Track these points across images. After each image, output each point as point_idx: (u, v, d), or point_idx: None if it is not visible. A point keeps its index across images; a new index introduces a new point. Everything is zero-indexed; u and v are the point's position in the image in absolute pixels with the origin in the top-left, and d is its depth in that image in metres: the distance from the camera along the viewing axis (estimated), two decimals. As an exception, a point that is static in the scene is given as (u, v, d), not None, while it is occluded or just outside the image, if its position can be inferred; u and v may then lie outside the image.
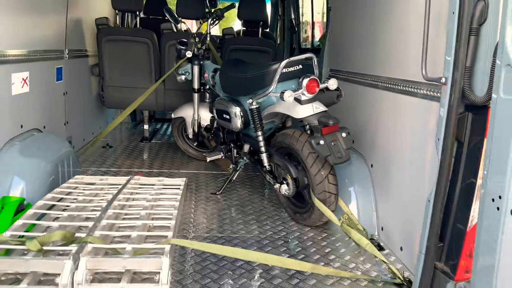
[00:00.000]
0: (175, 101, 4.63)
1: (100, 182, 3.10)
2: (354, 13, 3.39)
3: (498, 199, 1.54)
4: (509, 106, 1.50)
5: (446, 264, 1.94)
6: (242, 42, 4.73)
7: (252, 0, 4.89)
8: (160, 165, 4.08)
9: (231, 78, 3.19)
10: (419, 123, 2.32)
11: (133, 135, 5.39)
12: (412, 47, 2.35)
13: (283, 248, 2.58)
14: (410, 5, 2.41)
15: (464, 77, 1.76)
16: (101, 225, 2.30)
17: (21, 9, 2.99)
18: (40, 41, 3.33)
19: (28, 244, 1.98)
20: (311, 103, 2.59)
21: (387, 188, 2.73)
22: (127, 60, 4.53)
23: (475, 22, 1.72)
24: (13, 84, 2.89)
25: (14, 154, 2.77)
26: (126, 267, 1.99)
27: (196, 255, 2.40)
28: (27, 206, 2.50)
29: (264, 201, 3.32)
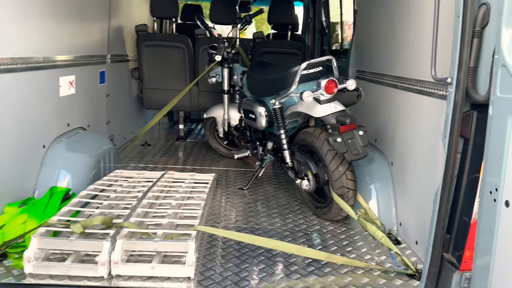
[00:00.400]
0: (208, 102, 4.89)
1: (137, 176, 3.39)
2: (378, 16, 3.50)
3: (495, 191, 1.64)
4: (505, 104, 1.60)
5: (452, 254, 2.04)
6: (271, 45, 4.91)
7: (281, 5, 5.07)
8: (193, 162, 4.34)
9: (256, 79, 3.39)
10: (434, 122, 2.41)
11: (169, 134, 5.70)
12: (428, 49, 2.45)
13: (303, 240, 2.74)
14: (425, 8, 2.51)
15: (467, 77, 1.86)
16: (136, 213, 2.56)
17: (68, 17, 3.31)
18: (85, 47, 3.66)
19: (72, 227, 2.26)
20: (330, 102, 2.74)
21: (405, 185, 2.82)
22: (164, 64, 4.83)
23: (478, 25, 1.82)
24: (61, 87, 3.22)
25: (61, 150, 3.08)
26: (157, 249, 2.23)
27: (222, 243, 2.61)
28: (72, 195, 2.80)
29: (288, 197, 3.49)
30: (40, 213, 2.45)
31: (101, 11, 4.03)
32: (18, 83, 2.63)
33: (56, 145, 3.08)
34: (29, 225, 2.37)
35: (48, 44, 3.02)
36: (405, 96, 2.84)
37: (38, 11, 2.85)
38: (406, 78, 2.80)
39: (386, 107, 3.20)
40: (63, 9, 3.20)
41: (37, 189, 2.84)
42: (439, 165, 2.31)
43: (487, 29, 1.81)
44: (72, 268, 2.13)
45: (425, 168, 2.53)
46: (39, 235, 2.20)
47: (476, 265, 1.78)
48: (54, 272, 2.12)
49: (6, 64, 2.48)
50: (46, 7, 2.95)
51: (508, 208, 1.57)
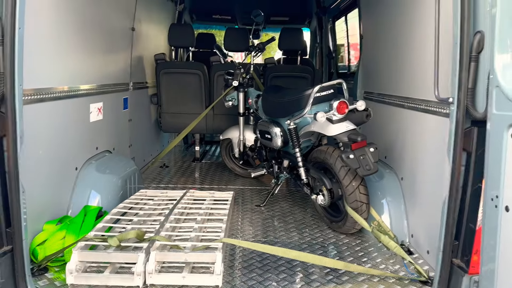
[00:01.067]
0: (223, 125, 5.14)
1: (161, 195, 3.60)
2: (382, 40, 3.75)
3: (496, 198, 1.83)
4: (500, 120, 1.80)
5: (461, 260, 2.21)
6: (282, 70, 5.18)
7: (290, 32, 5.36)
8: (210, 182, 4.55)
9: (272, 102, 3.63)
10: (440, 138, 2.60)
11: (185, 156, 5.94)
12: (430, 71, 2.67)
13: (320, 252, 2.91)
14: (426, 33, 2.74)
15: (467, 96, 2.07)
16: (165, 228, 2.76)
17: (98, 50, 3.61)
18: (111, 76, 3.95)
19: (109, 240, 2.46)
20: (341, 122, 2.95)
21: (415, 198, 3.00)
22: (181, 90, 5.11)
23: (474, 50, 2.04)
24: (91, 113, 3.48)
25: (92, 172, 3.31)
26: (187, 259, 2.43)
27: (244, 255, 2.79)
28: (104, 213, 3.02)
29: (303, 212, 3.67)
30: (77, 229, 2.66)
31: (125, 43, 4.34)
32: (55, 110, 2.89)
33: (87, 167, 3.31)
34: (68, 240, 2.58)
35: (81, 75, 3.30)
36: (411, 115, 3.04)
37: (72, 47, 3.13)
38: (412, 98, 3.02)
39: (394, 126, 3.41)
40: (93, 43, 3.50)
41: (71, 208, 3.05)
42: (446, 179, 2.50)
43: (483, 54, 2.02)
44: (110, 278, 2.32)
45: (433, 182, 2.71)
46: (79, 248, 2.41)
47: (483, 268, 1.94)
48: (94, 282, 2.32)
49: (46, 94, 2.73)
50: (79, 42, 3.24)
51: (508, 213, 1.75)
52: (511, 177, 1.74)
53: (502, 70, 1.80)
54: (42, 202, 2.72)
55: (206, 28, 8.26)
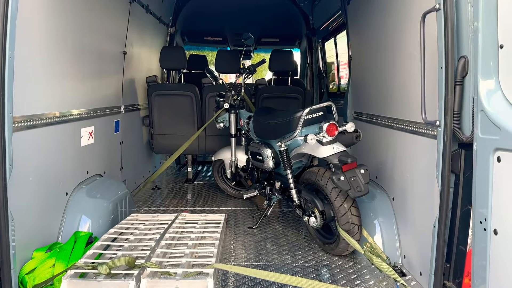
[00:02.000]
0: (215, 145, 5.14)
1: (152, 219, 3.57)
2: (371, 62, 3.81)
3: (484, 221, 1.84)
4: (486, 144, 1.83)
5: (453, 282, 2.21)
6: (273, 91, 5.23)
7: (281, 54, 5.44)
8: (203, 203, 4.53)
9: (263, 124, 3.65)
10: (429, 159, 2.63)
11: (177, 177, 5.92)
12: (417, 93, 2.71)
13: (313, 275, 2.89)
14: (414, 55, 2.79)
15: (453, 120, 2.11)
16: (156, 253, 2.73)
17: (89, 74, 3.62)
18: (102, 99, 3.95)
19: (99, 268, 2.43)
20: (331, 144, 2.97)
21: (407, 219, 3.00)
22: (173, 111, 5.13)
23: (458, 74, 2.09)
24: (82, 137, 3.48)
25: (82, 196, 3.28)
26: (178, 287, 2.39)
27: (236, 280, 2.76)
28: (94, 239, 2.98)
29: (296, 234, 3.65)
30: (67, 256, 2.62)
31: (117, 66, 4.36)
32: (45, 136, 2.88)
33: (77, 192, 3.28)
34: (58, 268, 2.54)
35: (72, 99, 3.30)
36: (400, 136, 3.08)
37: (63, 72, 3.14)
38: (400, 120, 3.06)
39: (384, 146, 3.43)
40: (85, 68, 3.52)
41: (61, 234, 3.02)
42: (435, 199, 2.51)
43: (467, 78, 2.07)
44: (100, 307, 2.28)
45: (424, 202, 2.72)
46: (69, 277, 2.37)
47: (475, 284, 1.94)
48: (84, 311, 2.27)
49: (36, 120, 2.73)
50: (70, 67, 3.26)
51: (496, 236, 1.77)
52: (498, 200, 1.75)
53: (486, 94, 1.84)
54: (31, 230, 2.68)
55: (198, 49, 8.35)
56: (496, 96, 1.81)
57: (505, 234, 1.72)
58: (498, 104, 1.79)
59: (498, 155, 1.74)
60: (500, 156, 1.74)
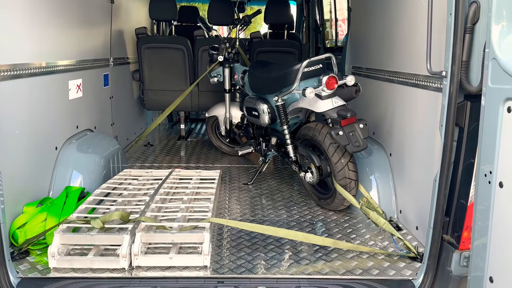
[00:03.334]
0: (208, 102, 5.01)
1: (146, 175, 3.51)
2: (372, 13, 3.64)
3: (489, 174, 1.79)
4: (496, 94, 1.75)
5: (451, 236, 2.20)
6: (269, 44, 5.05)
7: (277, 5, 5.21)
8: (197, 161, 4.46)
9: (259, 78, 3.52)
10: (429, 113, 2.56)
11: (170, 134, 5.82)
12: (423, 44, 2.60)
13: (309, 229, 2.88)
14: (417, 6, 2.65)
15: (461, 70, 2.01)
16: (151, 208, 2.69)
17: (75, 24, 3.42)
18: (90, 51, 3.77)
19: (92, 222, 2.38)
20: (330, 98, 2.88)
21: (404, 175, 2.97)
22: (164, 65, 4.94)
23: (469, 21, 1.97)
24: (70, 90, 3.33)
25: (73, 151, 3.19)
26: (174, 240, 2.36)
27: (232, 234, 2.74)
28: (87, 194, 2.92)
29: (291, 190, 3.63)
30: (58, 211, 2.56)
31: (104, 16, 4.14)
32: (31, 87, 2.74)
33: (68, 146, 3.19)
34: (49, 223, 2.48)
35: (59, 50, 3.13)
36: (400, 90, 2.98)
37: (48, 20, 2.95)
38: (401, 73, 2.95)
39: (383, 101, 3.35)
40: (71, 16, 3.32)
41: (52, 189, 2.95)
42: (435, 154, 2.47)
43: (478, 25, 1.96)
44: (95, 261, 2.25)
45: (422, 157, 2.68)
46: (61, 231, 2.32)
47: (474, 244, 1.92)
48: (78, 265, 2.24)
49: (21, 70, 2.58)
50: (56, 15, 3.06)
51: (502, 188, 1.72)
52: (505, 153, 1.70)
53: (499, 41, 1.73)
54: (20, 184, 2.60)
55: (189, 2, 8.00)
56: (509, 44, 1.71)
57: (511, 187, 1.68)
58: (511, 52, 1.69)
59: (509, 105, 1.66)
60: (510, 106, 1.66)
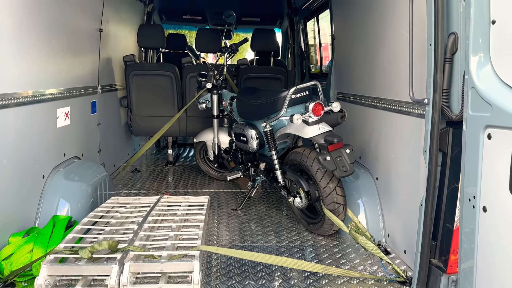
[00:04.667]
0: (196, 127, 5.04)
1: (133, 202, 3.48)
2: (355, 41, 3.76)
3: (473, 199, 1.84)
4: (476, 121, 1.82)
5: (439, 260, 2.23)
6: (256, 71, 5.14)
7: (263, 33, 5.33)
8: (185, 186, 4.45)
9: (247, 104, 3.58)
10: (413, 139, 2.63)
11: (157, 160, 5.81)
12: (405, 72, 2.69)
13: (299, 255, 2.88)
14: (400, 34, 2.76)
15: (442, 97, 2.09)
16: (139, 237, 2.66)
17: (63, 52, 3.45)
18: (78, 79, 3.79)
19: (80, 252, 2.35)
20: (317, 124, 2.94)
21: (391, 198, 3.02)
22: (152, 92, 4.98)
23: (448, 51, 2.06)
24: (58, 118, 3.33)
25: (60, 179, 3.16)
26: (163, 270, 2.34)
27: (221, 262, 2.73)
28: (74, 223, 2.88)
29: (280, 215, 3.63)
30: (45, 241, 2.52)
31: (93, 44, 4.19)
32: (19, 116, 2.73)
33: (55, 174, 3.16)
34: (36, 253, 2.44)
35: (47, 78, 3.15)
36: (385, 115, 3.06)
37: (37, 49, 2.98)
38: (385, 99, 3.04)
39: (368, 126, 3.43)
40: (59, 45, 3.35)
41: (38, 219, 2.91)
42: (420, 178, 2.53)
43: (457, 55, 2.04)
44: (83, 292, 2.21)
45: (408, 181, 2.73)
46: (49, 262, 2.28)
47: (461, 268, 1.96)
48: (65, 297, 2.20)
49: (9, 99, 2.58)
50: (44, 44, 3.09)
51: (485, 213, 1.77)
52: (488, 177, 1.75)
53: (477, 71, 1.82)
54: (7, 214, 2.57)
55: (176, 29, 8.13)
56: (487, 73, 1.79)
57: (494, 211, 1.73)
58: (489, 81, 1.77)
59: (489, 132, 1.73)
60: (490, 133, 1.73)
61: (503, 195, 1.67)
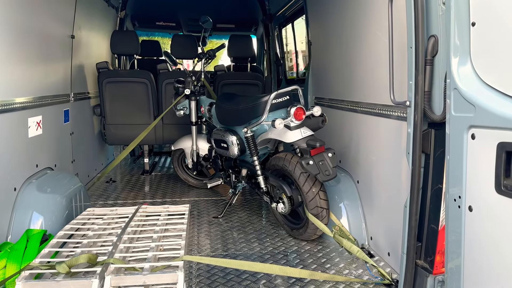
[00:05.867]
0: (173, 135, 4.95)
1: (110, 213, 3.35)
2: (331, 46, 3.79)
3: (458, 199, 1.86)
4: (459, 122, 1.84)
5: (425, 261, 2.24)
6: (233, 77, 5.10)
7: (240, 39, 5.31)
8: (163, 195, 4.35)
9: (227, 110, 3.53)
10: (393, 141, 2.66)
11: (133, 169, 5.66)
12: (383, 75, 2.71)
13: (283, 261, 2.84)
14: (378, 37, 2.79)
15: (424, 99, 2.11)
16: (119, 249, 2.56)
17: (34, 59, 3.32)
18: (50, 87, 3.65)
19: (57, 267, 2.23)
20: (299, 128, 2.93)
21: (372, 201, 3.03)
22: (126, 99, 4.86)
23: (429, 54, 2.09)
24: (29, 128, 3.19)
25: (32, 192, 3.02)
26: (146, 282, 2.24)
27: (205, 271, 2.66)
28: (49, 236, 2.75)
29: (262, 221, 3.60)
30: (19, 257, 2.39)
31: (65, 51, 4.05)
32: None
33: (27, 187, 3.02)
34: (9, 270, 2.31)
35: (16, 86, 3.01)
36: (364, 118, 3.08)
37: (4, 56, 2.84)
38: (364, 103, 3.06)
39: (347, 130, 3.44)
40: (29, 52, 3.22)
41: (10, 233, 2.77)
42: (402, 180, 2.55)
43: (437, 57, 2.07)
44: (61, 309, 2.09)
45: (389, 184, 2.75)
46: (23, 278, 2.15)
47: (448, 268, 1.97)
48: (42, 316, 2.08)
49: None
50: (13, 51, 2.96)
51: (471, 212, 1.79)
52: (473, 177, 1.77)
53: (459, 73, 1.84)
54: (-25, 230, 2.43)
55: (149, 36, 8.01)
56: (469, 74, 1.82)
57: (480, 211, 1.74)
58: (471, 82, 1.80)
59: (473, 132, 1.76)
60: (474, 133, 1.75)
61: (489, 194, 1.69)
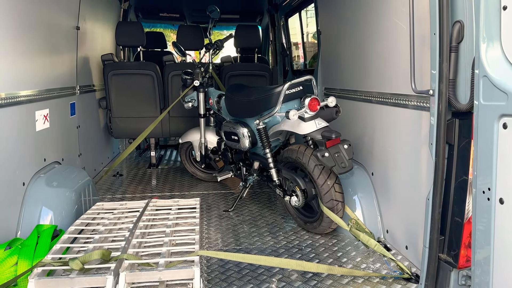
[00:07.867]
0: (180, 128, 4.88)
1: (120, 207, 3.30)
2: (343, 35, 3.70)
3: (488, 191, 1.79)
4: (489, 111, 1.76)
5: (448, 254, 2.17)
6: (240, 68, 5.01)
7: (246, 29, 5.22)
8: (171, 189, 4.29)
9: (237, 102, 3.45)
10: (411, 131, 2.58)
11: (139, 163, 5.60)
12: (401, 64, 2.63)
13: (299, 255, 2.78)
14: (396, 25, 2.70)
15: (448, 88, 2.03)
16: (132, 244, 2.50)
17: (39, 51, 3.24)
18: (56, 79, 3.58)
19: (71, 264, 2.17)
20: (313, 120, 2.85)
21: (388, 193, 2.96)
22: (132, 92, 4.78)
23: (454, 40, 2.00)
24: (37, 121, 3.12)
25: (41, 186, 2.96)
26: (161, 278, 2.19)
27: (220, 266, 2.60)
28: (60, 232, 2.69)
29: (274, 215, 3.53)
30: (31, 253, 2.33)
31: (69, 43, 3.97)
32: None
33: (36, 181, 2.96)
34: (21, 267, 2.25)
35: (23, 79, 2.94)
36: (379, 109, 3.00)
37: (10, 49, 2.76)
38: (380, 93, 2.98)
39: (360, 121, 3.37)
40: (34, 44, 3.14)
41: (20, 229, 2.71)
42: (422, 172, 2.47)
43: (463, 44, 1.99)
44: (75, 307, 2.04)
45: (407, 176, 2.68)
46: (36, 276, 2.09)
47: (476, 261, 1.90)
48: (56, 313, 2.02)
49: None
50: (18, 44, 2.88)
51: (502, 205, 1.72)
52: (504, 169, 1.70)
53: (489, 59, 1.76)
54: (-15, 225, 2.37)
55: (150, 27, 7.90)
56: (500, 61, 1.74)
57: (513, 203, 1.68)
58: (502, 68, 1.72)
59: (504, 121, 1.68)
60: (506, 122, 1.68)
61: (522, 186, 1.62)
